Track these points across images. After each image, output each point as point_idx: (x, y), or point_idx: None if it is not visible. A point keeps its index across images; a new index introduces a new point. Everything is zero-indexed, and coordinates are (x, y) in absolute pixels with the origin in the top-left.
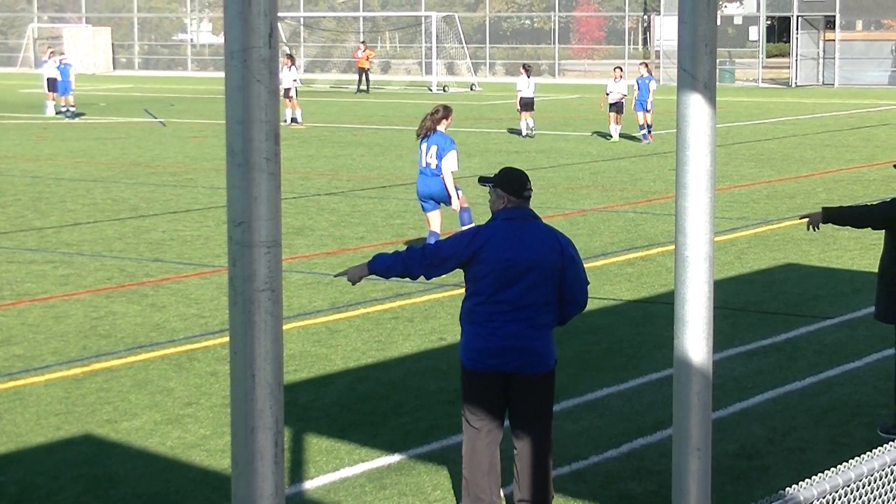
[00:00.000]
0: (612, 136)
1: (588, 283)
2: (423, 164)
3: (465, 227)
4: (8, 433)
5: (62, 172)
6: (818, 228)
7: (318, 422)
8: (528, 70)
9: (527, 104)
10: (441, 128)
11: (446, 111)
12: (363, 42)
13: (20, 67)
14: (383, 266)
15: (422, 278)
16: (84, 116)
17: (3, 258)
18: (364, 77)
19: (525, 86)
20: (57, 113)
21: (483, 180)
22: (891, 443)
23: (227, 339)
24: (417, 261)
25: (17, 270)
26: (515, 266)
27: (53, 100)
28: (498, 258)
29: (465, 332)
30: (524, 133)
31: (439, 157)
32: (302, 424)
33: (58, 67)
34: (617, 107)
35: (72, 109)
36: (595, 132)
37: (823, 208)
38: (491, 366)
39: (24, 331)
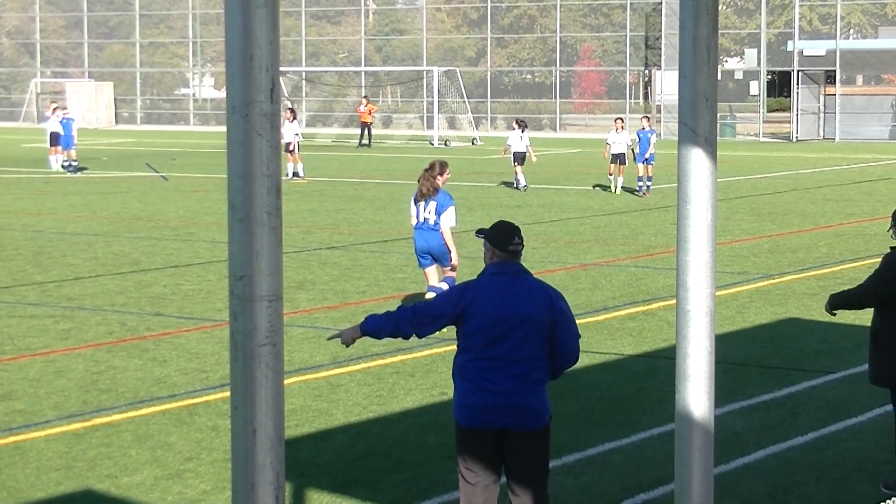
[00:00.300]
0: (610, 187)
1: (580, 337)
2: (421, 220)
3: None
4: (8, 489)
5: (64, 227)
6: (835, 314)
7: (319, 477)
8: (521, 125)
9: (519, 158)
10: (439, 183)
11: (442, 166)
12: (365, 97)
13: (23, 122)
14: (375, 326)
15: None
16: (86, 171)
17: (5, 312)
18: (366, 131)
19: (517, 140)
20: (61, 167)
21: (479, 232)
22: (893, 499)
23: (228, 393)
24: (407, 320)
25: (18, 325)
26: (505, 321)
27: (57, 154)
28: (487, 313)
29: (458, 389)
30: (522, 185)
31: (438, 212)
32: (303, 480)
33: (61, 122)
34: (619, 158)
35: (74, 164)
36: (597, 185)
37: (831, 295)
38: (484, 422)
39: (25, 385)
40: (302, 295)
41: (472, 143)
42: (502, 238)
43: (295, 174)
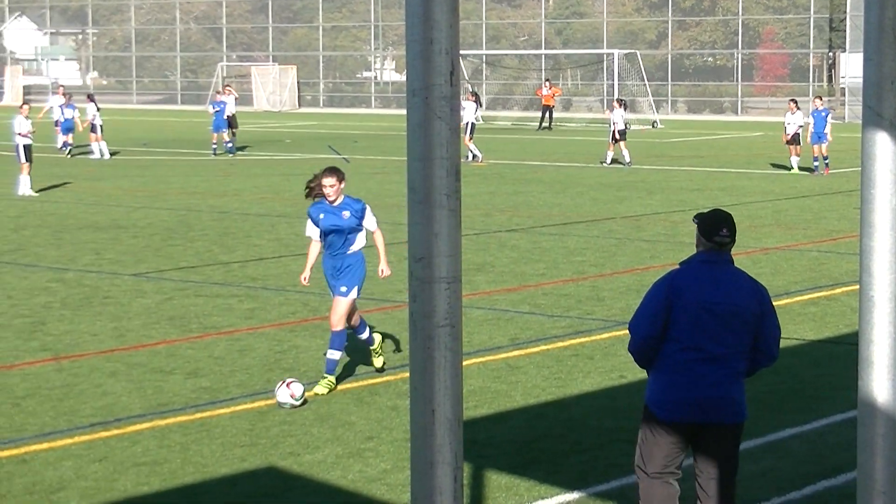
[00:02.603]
0: (792, 168)
1: (780, 333)
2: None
3: (361, 335)
4: (195, 464)
5: (248, 208)
6: None
7: (497, 458)
8: (622, 104)
9: (622, 135)
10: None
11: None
12: (548, 80)
13: (209, 105)
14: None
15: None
16: (242, 152)
17: (191, 292)
18: (548, 114)
19: (619, 118)
20: (223, 148)
21: (695, 217)
22: None
23: (407, 374)
24: (638, 358)
25: (205, 304)
26: (715, 311)
27: (230, 136)
28: (697, 302)
29: (659, 381)
30: (627, 161)
31: (358, 219)
32: (481, 461)
33: (212, 104)
34: (794, 139)
35: (227, 145)
36: (774, 164)
37: None
38: (686, 415)
39: (211, 364)
40: (481, 277)
41: (653, 127)
42: (710, 228)
43: (474, 157)
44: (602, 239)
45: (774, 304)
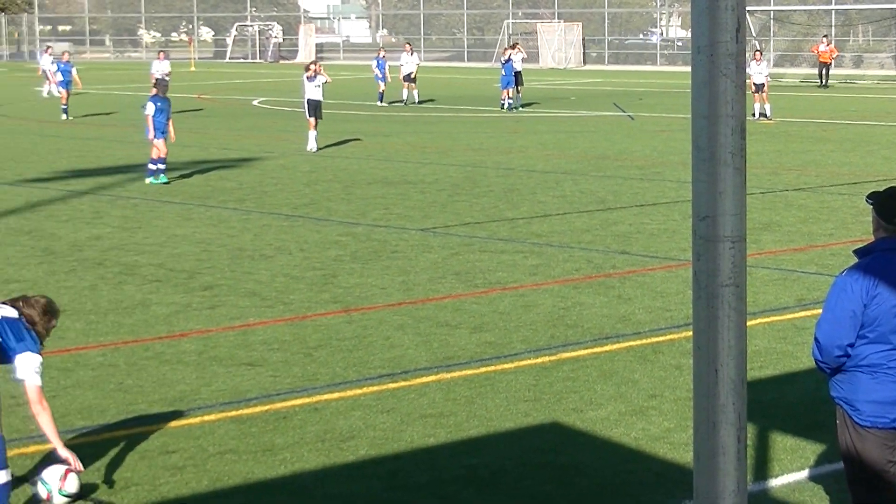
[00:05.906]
0: None
1: None
2: None
3: None
4: (479, 417)
5: (533, 165)
6: None
7: (783, 420)
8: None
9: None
10: None
11: None
12: (825, 36)
13: (494, 62)
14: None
15: None
16: (528, 108)
17: (477, 247)
18: (825, 71)
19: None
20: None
21: (869, 197)
22: None
23: (691, 332)
24: (831, 368)
25: (490, 259)
26: None
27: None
28: (894, 297)
29: (863, 384)
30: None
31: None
32: (765, 422)
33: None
34: None
35: (509, 102)
36: None
37: None
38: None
39: (496, 318)
40: (767, 236)
41: None
42: (889, 210)
43: (762, 115)
44: None
45: None
